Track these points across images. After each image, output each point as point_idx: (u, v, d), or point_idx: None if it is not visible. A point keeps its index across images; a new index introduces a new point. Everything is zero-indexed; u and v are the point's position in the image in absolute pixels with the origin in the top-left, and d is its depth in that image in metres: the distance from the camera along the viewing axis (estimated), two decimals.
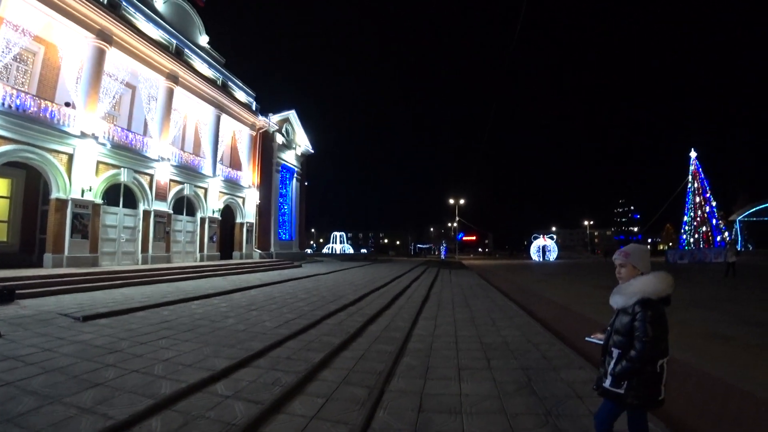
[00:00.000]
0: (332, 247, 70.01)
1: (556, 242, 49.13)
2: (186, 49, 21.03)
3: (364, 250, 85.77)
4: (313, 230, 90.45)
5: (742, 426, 3.00)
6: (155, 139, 17.92)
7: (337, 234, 72.18)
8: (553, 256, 45.55)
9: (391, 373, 4.38)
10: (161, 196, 17.96)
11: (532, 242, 49.99)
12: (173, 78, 19.23)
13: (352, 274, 19.20)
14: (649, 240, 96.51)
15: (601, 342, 2.25)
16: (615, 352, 2.10)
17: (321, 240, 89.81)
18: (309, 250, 66.06)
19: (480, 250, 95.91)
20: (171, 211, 18.59)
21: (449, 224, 71.00)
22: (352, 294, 10.85)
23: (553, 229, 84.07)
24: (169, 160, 18.47)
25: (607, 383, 2.10)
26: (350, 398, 3.68)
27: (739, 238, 49.13)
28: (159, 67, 18.45)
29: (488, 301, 10.10)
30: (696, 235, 39.54)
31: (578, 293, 11.38)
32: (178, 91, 19.77)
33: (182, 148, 21.09)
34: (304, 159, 35.35)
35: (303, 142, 34.25)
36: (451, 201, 55.99)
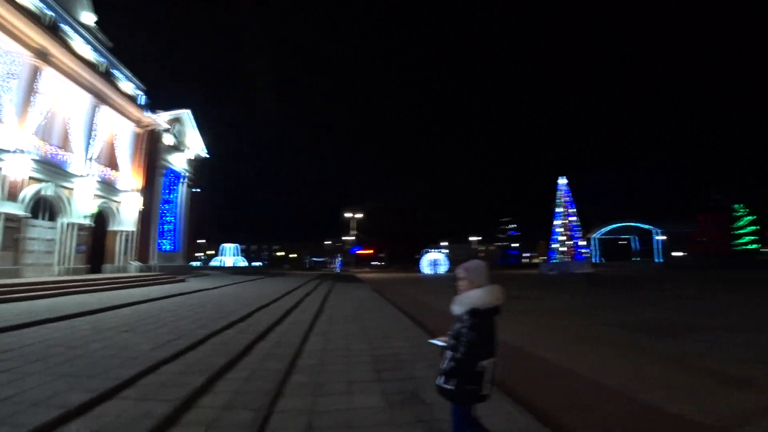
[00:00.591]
0: (222, 260, 65.67)
1: (447, 256, 52.68)
2: (63, 24, 18.00)
3: (257, 263, 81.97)
4: (203, 241, 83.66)
5: (593, 412, 3.47)
6: (12, 126, 14.95)
7: (228, 246, 67.96)
8: (443, 269, 48.64)
9: (279, 393, 4.19)
10: (13, 195, 14.99)
11: (423, 256, 52.90)
12: (42, 55, 16.31)
13: (243, 289, 18.08)
14: (527, 254, 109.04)
15: (444, 344, 2.47)
16: (448, 353, 2.34)
17: (212, 252, 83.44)
18: (196, 263, 61.02)
19: (376, 263, 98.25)
20: (26, 214, 15.62)
21: (345, 237, 71.63)
22: (242, 310, 10.18)
23: (444, 243, 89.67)
24: (27, 152, 15.54)
25: (440, 381, 2.33)
26: (234, 423, 3.41)
27: (596, 252, 58.13)
28: (25, 40, 15.52)
29: (381, 314, 10.29)
30: (563, 250, 45.73)
31: None
32: (48, 72, 16.83)
33: (47, 140, 17.76)
34: (197, 164, 32.52)
35: (196, 146, 31.49)
36: (348, 214, 56.68)
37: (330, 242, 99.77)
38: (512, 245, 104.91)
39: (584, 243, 49.42)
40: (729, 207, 49.08)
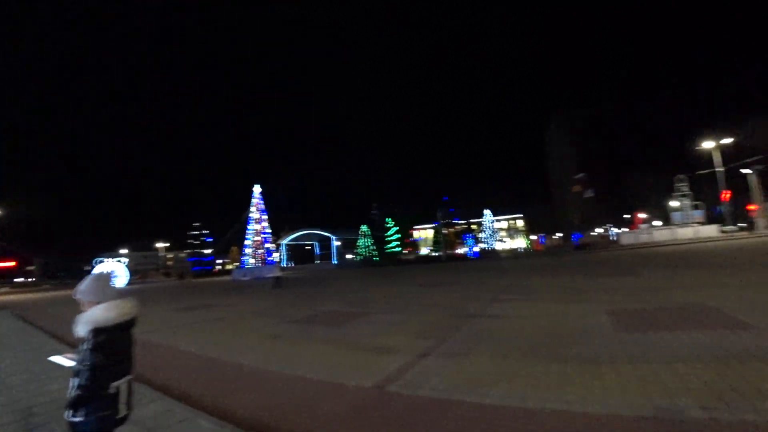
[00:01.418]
0: None
1: (127, 266, 45.12)
2: None
3: None
4: None
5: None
6: None
7: None
8: (122, 281, 41.05)
9: None
10: None
11: (94, 267, 43.38)
12: None
13: None
14: (220, 261, 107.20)
15: (71, 363, 2.15)
16: (73, 380, 2.03)
17: None
18: None
19: (22, 279, 72.37)
20: None
21: None
22: None
23: (124, 251, 76.52)
24: None
25: (67, 415, 1.99)
26: None
27: (285, 257, 63.98)
28: None
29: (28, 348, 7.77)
30: (255, 255, 47.86)
31: (163, 319, 11.09)
32: None
33: None
34: None
35: None
36: None
37: None
38: (206, 252, 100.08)
39: (274, 248, 53.63)
40: (383, 220, 65.68)
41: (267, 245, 49.16)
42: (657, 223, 48.75)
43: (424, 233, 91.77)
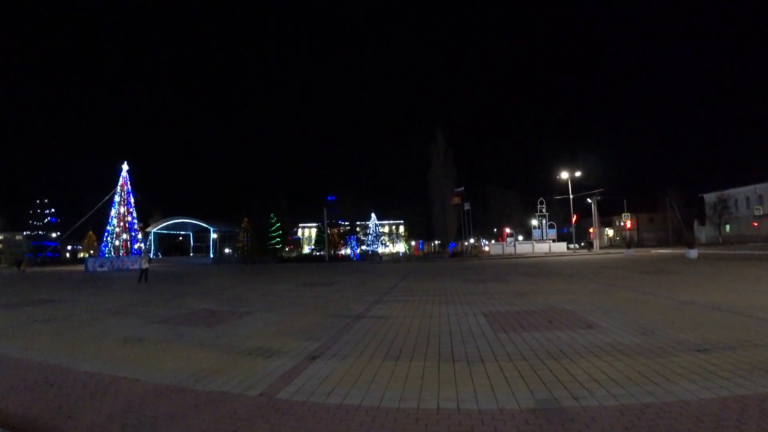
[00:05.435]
0: None
1: None
2: None
3: None
4: None
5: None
6: None
7: None
8: None
9: None
10: None
11: None
12: None
13: None
14: (69, 247, 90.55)
15: None
16: None
17: None
18: None
19: None
20: None
21: None
22: None
23: None
24: None
25: None
26: None
27: (153, 248, 56.76)
28: None
29: None
30: (117, 243, 41.58)
31: None
32: None
33: None
34: None
35: None
36: None
37: None
38: (52, 235, 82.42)
39: (141, 237, 47.32)
40: (267, 214, 62.25)
41: (132, 232, 43.14)
42: (520, 237, 55.82)
43: (308, 231, 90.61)
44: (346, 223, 71.72)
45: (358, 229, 74.99)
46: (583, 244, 52.60)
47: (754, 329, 5.51)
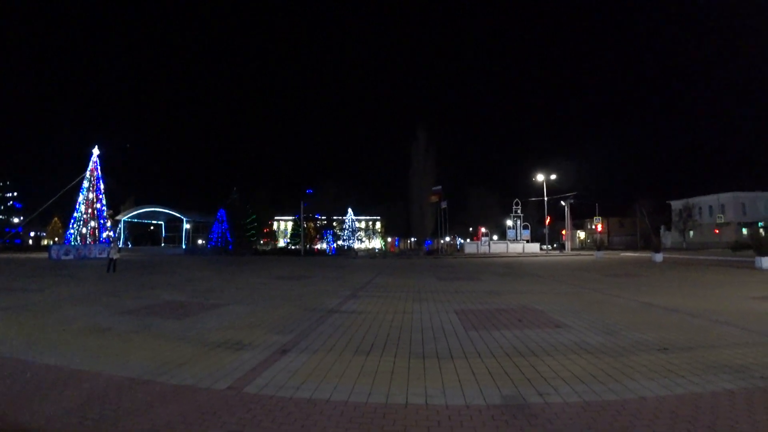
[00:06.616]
0: None
1: None
2: None
3: None
4: None
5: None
6: None
7: None
8: None
9: None
10: None
11: None
12: None
13: None
14: (32, 233, 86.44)
15: None
16: None
17: None
18: None
19: None
20: None
21: None
22: None
23: None
24: None
25: None
26: None
27: (122, 236, 54.91)
28: None
29: None
30: (84, 231, 40.01)
31: None
32: None
33: None
34: None
35: None
36: None
37: None
38: (14, 220, 78.42)
39: (110, 224, 45.67)
40: (243, 206, 61.00)
41: (101, 220, 41.58)
42: (495, 237, 56.75)
43: (283, 225, 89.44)
44: (323, 218, 71.07)
45: (334, 224, 74.44)
46: (555, 245, 53.93)
47: (710, 331, 5.80)
